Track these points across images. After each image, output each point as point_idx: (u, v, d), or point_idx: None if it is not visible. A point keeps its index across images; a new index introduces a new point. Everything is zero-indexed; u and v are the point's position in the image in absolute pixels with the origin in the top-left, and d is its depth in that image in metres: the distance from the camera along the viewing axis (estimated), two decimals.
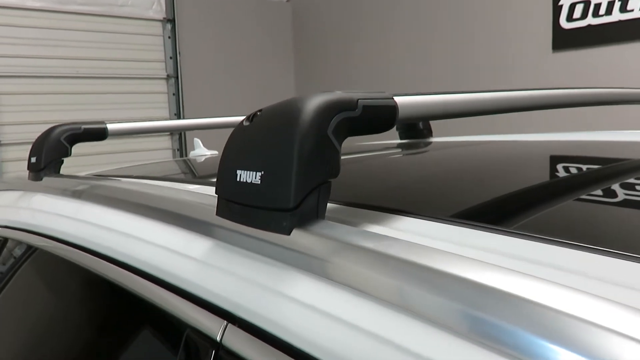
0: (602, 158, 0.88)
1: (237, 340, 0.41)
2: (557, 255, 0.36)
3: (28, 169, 0.99)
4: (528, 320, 0.26)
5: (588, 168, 0.81)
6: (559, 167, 0.85)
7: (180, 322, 0.48)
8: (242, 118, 0.47)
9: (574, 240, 0.37)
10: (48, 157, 0.95)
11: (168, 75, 4.23)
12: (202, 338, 0.45)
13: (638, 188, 0.62)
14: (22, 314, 0.86)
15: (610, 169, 0.76)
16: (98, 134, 1.04)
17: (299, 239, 0.40)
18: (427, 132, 1.37)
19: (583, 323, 0.25)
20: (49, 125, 1.02)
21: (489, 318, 0.28)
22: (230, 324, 0.43)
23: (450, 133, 1.45)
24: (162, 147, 4.26)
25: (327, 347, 0.35)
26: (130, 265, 0.57)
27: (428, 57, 3.84)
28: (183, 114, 4.23)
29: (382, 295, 0.33)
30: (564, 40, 3.11)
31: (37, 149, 0.97)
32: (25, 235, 0.84)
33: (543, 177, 0.78)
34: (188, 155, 3.95)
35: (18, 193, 0.98)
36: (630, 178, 0.66)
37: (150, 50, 4.16)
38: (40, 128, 1.08)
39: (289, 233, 0.40)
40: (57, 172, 0.96)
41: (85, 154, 2.91)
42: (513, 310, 0.27)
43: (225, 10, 4.47)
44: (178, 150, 4.32)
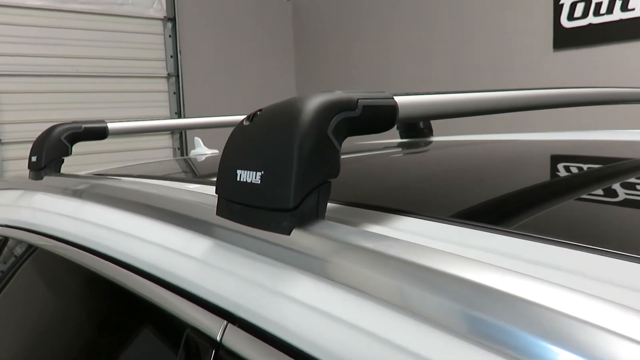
0: (602, 157, 0.88)
1: (237, 340, 0.41)
2: (556, 256, 0.36)
3: (28, 168, 0.99)
4: (527, 321, 0.26)
5: (588, 168, 0.81)
6: (559, 166, 0.85)
7: (181, 321, 0.48)
8: (242, 117, 0.47)
9: (574, 241, 0.37)
10: (48, 156, 0.95)
11: (169, 74, 4.23)
12: (202, 338, 0.45)
13: (638, 188, 0.62)
14: (22, 313, 0.86)
15: (611, 169, 0.76)
16: (98, 133, 1.04)
17: (299, 239, 0.40)
18: (427, 131, 1.38)
19: (582, 323, 0.25)
20: (50, 124, 1.02)
21: (489, 318, 0.28)
22: (230, 324, 0.43)
23: (451, 132, 1.45)
24: (162, 146, 4.26)
25: (327, 347, 0.35)
26: (131, 265, 0.57)
27: (428, 56, 3.84)
28: (183, 113, 4.23)
29: (381, 296, 0.33)
30: (565, 39, 3.10)
31: (37, 148, 0.97)
32: (26, 235, 0.84)
33: (543, 176, 0.78)
34: (188, 154, 3.96)
35: (18, 192, 0.98)
36: (631, 178, 0.66)
37: (151, 49, 4.15)
38: (41, 127, 1.08)
39: (289, 233, 0.40)
40: (57, 171, 0.96)
41: (86, 153, 2.91)
42: (512, 311, 0.27)
43: (226, 9, 4.46)
44: (178, 149, 4.32)
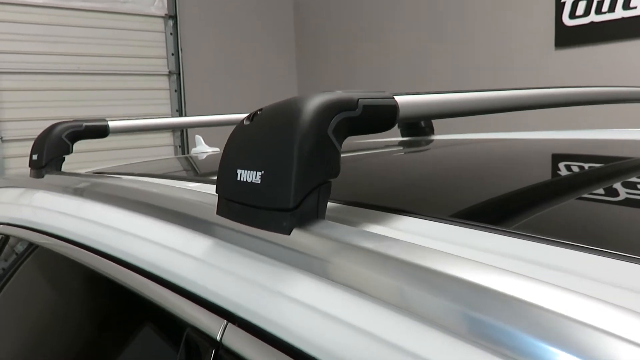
0: (603, 157, 0.88)
1: (237, 340, 0.41)
2: (556, 256, 0.36)
3: (29, 166, 0.99)
4: (527, 322, 0.26)
5: (589, 167, 0.81)
6: (560, 165, 0.84)
7: (181, 321, 0.48)
8: (243, 116, 0.47)
9: (574, 241, 0.37)
10: (49, 154, 0.95)
11: (170, 72, 4.23)
12: (202, 337, 0.45)
13: (639, 187, 0.62)
14: (23, 311, 0.86)
15: (611, 168, 0.76)
16: (99, 132, 1.04)
17: (299, 239, 0.40)
18: (428, 129, 1.38)
19: (581, 325, 0.25)
20: (51, 122, 1.02)
21: (488, 319, 0.28)
22: (230, 324, 0.43)
23: (452, 131, 1.45)
24: (163, 143, 4.26)
25: (326, 347, 0.35)
26: (131, 263, 0.57)
27: (429, 55, 3.83)
28: (185, 111, 4.23)
29: (381, 296, 0.33)
30: (567, 38, 3.10)
31: (38, 147, 0.97)
32: (27, 233, 0.84)
33: (544, 176, 0.77)
34: (189, 152, 3.96)
35: (19, 190, 0.98)
36: (631, 177, 0.66)
37: (152, 47, 4.15)
38: (42, 124, 1.08)
39: (289, 233, 0.40)
40: (58, 169, 0.96)
41: (87, 151, 2.91)
42: (511, 312, 0.27)
43: (227, 7, 4.46)
44: (180, 147, 4.32)
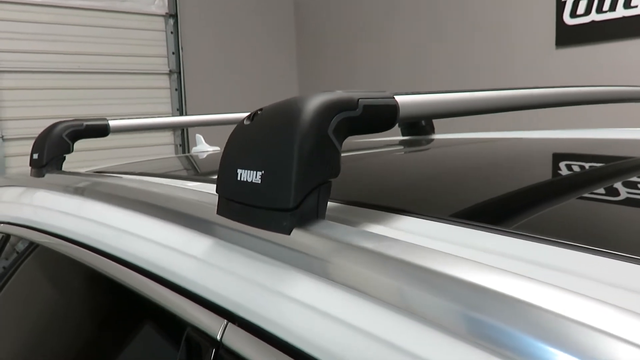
0: (604, 156, 0.88)
1: (237, 340, 0.41)
2: (557, 256, 0.36)
3: (30, 166, 0.99)
4: (527, 323, 0.26)
5: (590, 167, 0.81)
6: (561, 165, 0.84)
7: (181, 320, 0.48)
8: (243, 115, 0.47)
9: (574, 241, 0.37)
10: (50, 153, 0.96)
11: (170, 71, 4.22)
12: (202, 337, 0.45)
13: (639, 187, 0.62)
14: (23, 310, 0.86)
15: (612, 168, 0.76)
16: (100, 131, 1.04)
17: (299, 239, 0.40)
18: (429, 128, 1.38)
19: (581, 326, 0.25)
20: (51, 121, 1.02)
21: (488, 320, 0.28)
22: (231, 323, 0.43)
23: (452, 130, 1.44)
24: (164, 142, 4.26)
25: (326, 347, 0.35)
26: (131, 263, 0.57)
27: (430, 54, 3.83)
28: (185, 110, 4.23)
29: (381, 296, 0.33)
30: (568, 37, 3.09)
31: (39, 146, 0.97)
32: (27, 232, 0.84)
33: (545, 175, 0.77)
34: (190, 151, 3.95)
35: (20, 189, 0.98)
36: (632, 177, 0.66)
37: (153, 46, 4.15)
38: (43, 123, 1.08)
39: (289, 233, 0.40)
40: (59, 168, 0.96)
41: (87, 149, 2.91)
42: (512, 312, 0.27)
43: (228, 6, 4.46)
44: (180, 146, 4.32)
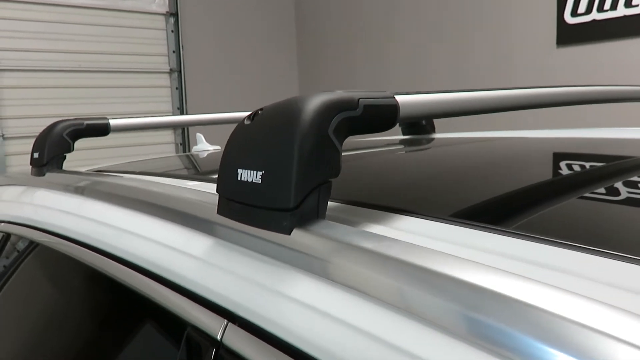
0: (605, 156, 0.88)
1: (237, 340, 0.41)
2: (557, 257, 0.36)
3: (31, 165, 0.99)
4: (527, 323, 0.26)
5: (590, 166, 0.81)
6: (561, 165, 0.84)
7: (181, 320, 0.48)
8: (244, 114, 0.47)
9: (574, 241, 0.37)
10: (50, 152, 0.96)
11: (171, 70, 4.22)
12: (202, 337, 0.45)
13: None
14: (23, 309, 0.86)
15: (613, 167, 0.76)
16: (100, 130, 1.04)
17: (299, 239, 0.40)
18: (430, 127, 1.38)
19: (581, 327, 0.25)
20: (52, 119, 1.02)
21: (488, 320, 0.28)
22: (231, 323, 0.43)
23: (453, 129, 1.44)
24: (164, 141, 4.26)
25: (326, 347, 0.35)
26: (131, 262, 0.57)
27: (430, 53, 3.83)
28: (186, 108, 4.23)
29: (381, 296, 0.33)
30: (569, 36, 3.09)
31: (39, 145, 0.97)
32: (28, 231, 0.84)
33: (545, 175, 0.77)
34: (191, 150, 3.95)
35: (21, 188, 0.98)
36: (633, 176, 0.66)
37: (153, 44, 4.15)
38: (43, 122, 1.08)
39: (290, 233, 0.40)
40: (59, 167, 0.96)
41: (88, 148, 2.91)
42: (512, 313, 0.27)
43: (229, 5, 4.45)
44: (181, 145, 4.32)
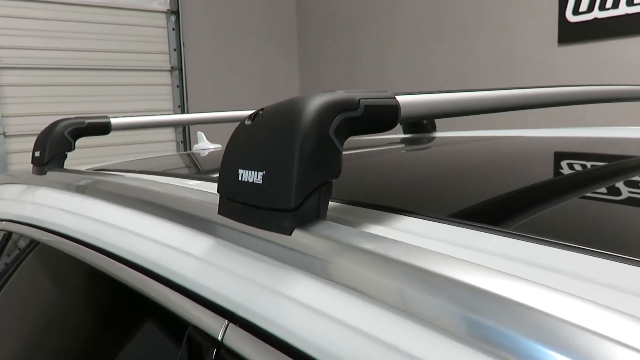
0: (606, 155, 0.87)
1: (238, 340, 0.42)
2: (558, 258, 0.36)
3: (32, 163, 0.99)
4: (527, 325, 0.26)
5: (591, 166, 0.80)
6: (563, 164, 0.84)
7: (182, 320, 0.48)
8: (245, 113, 0.47)
9: (575, 243, 0.37)
10: (52, 151, 0.96)
11: (172, 67, 4.22)
12: (203, 337, 0.45)
13: None
14: (24, 309, 0.86)
15: (614, 167, 0.76)
16: (101, 129, 1.04)
17: (300, 240, 0.40)
18: (430, 127, 1.39)
19: (581, 330, 0.25)
20: (53, 117, 1.02)
21: (488, 322, 0.28)
22: (232, 324, 0.43)
23: (454, 128, 1.44)
24: (166, 139, 4.26)
25: (327, 348, 0.35)
26: (132, 262, 0.57)
27: (432, 51, 3.82)
28: (187, 106, 4.23)
29: (381, 297, 0.33)
30: (570, 34, 3.08)
31: (40, 143, 0.97)
32: (29, 230, 0.84)
33: (546, 175, 0.77)
34: (192, 148, 3.95)
35: (22, 187, 0.98)
36: (634, 176, 0.66)
37: (154, 42, 4.14)
38: (45, 120, 1.08)
39: (290, 233, 0.40)
40: (60, 166, 0.96)
41: (88, 146, 2.92)
42: (511, 315, 0.27)
43: (229, 3, 4.45)
44: (182, 143, 4.32)
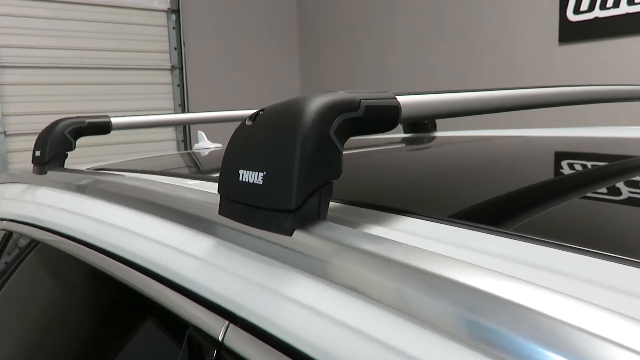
0: (607, 155, 0.87)
1: (238, 341, 0.42)
2: (559, 260, 0.36)
3: (32, 163, 0.99)
4: (527, 327, 0.26)
5: (592, 166, 0.80)
6: (563, 164, 0.84)
7: (183, 320, 0.48)
8: (245, 112, 0.47)
9: (576, 244, 0.37)
10: (52, 151, 0.96)
11: (172, 66, 4.22)
12: (204, 337, 0.45)
13: None
14: (24, 308, 0.86)
15: (615, 167, 0.75)
16: (102, 128, 1.04)
17: (301, 240, 0.40)
18: (431, 126, 1.39)
19: (580, 331, 0.25)
20: (54, 116, 1.02)
21: (489, 323, 0.28)
22: (232, 324, 0.43)
23: (455, 127, 1.44)
24: (166, 138, 4.26)
25: (327, 349, 0.35)
26: (132, 262, 0.57)
27: (432, 50, 3.82)
28: (187, 105, 4.22)
29: (382, 298, 0.33)
30: (571, 33, 3.08)
31: (41, 143, 0.97)
32: (29, 229, 0.84)
33: (547, 175, 0.77)
34: (192, 148, 3.95)
35: (22, 186, 0.98)
36: (635, 177, 0.66)
37: (155, 41, 4.14)
38: (45, 119, 1.08)
39: (291, 234, 0.40)
40: (61, 165, 0.96)
41: (89, 145, 2.91)
42: (512, 316, 0.27)
43: (230, 2, 4.44)
44: (182, 142, 4.32)
